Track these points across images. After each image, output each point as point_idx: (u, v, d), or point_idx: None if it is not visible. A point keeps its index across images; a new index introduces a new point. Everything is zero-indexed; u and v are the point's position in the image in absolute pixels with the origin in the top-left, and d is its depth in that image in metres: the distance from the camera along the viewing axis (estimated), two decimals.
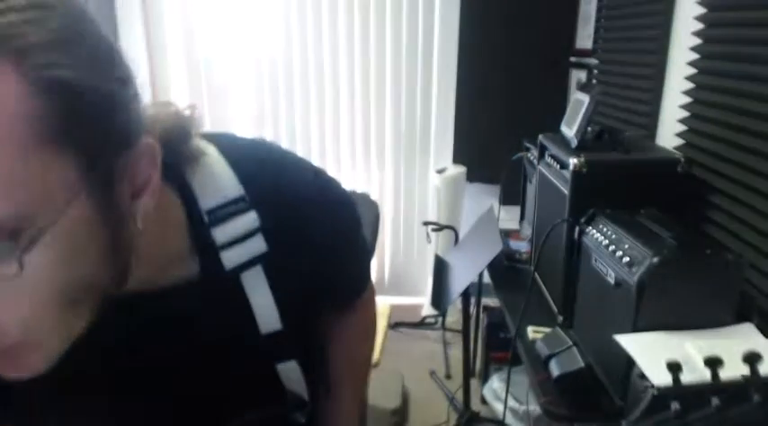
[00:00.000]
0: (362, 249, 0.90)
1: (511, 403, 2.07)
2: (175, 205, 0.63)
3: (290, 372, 0.75)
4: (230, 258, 0.65)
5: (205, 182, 0.64)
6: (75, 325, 0.52)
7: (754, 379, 0.48)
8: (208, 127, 3.07)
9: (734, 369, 0.67)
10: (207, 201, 0.64)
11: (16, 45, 0.43)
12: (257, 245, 0.66)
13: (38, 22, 0.45)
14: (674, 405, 0.48)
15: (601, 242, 1.21)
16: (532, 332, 1.49)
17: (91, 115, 0.47)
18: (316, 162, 2.85)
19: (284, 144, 3.11)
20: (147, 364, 0.66)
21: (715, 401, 0.48)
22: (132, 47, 3.00)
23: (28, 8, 0.45)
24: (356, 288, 0.92)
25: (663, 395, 0.50)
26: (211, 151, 0.66)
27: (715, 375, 0.50)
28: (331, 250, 0.75)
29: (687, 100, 1.60)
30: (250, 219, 0.65)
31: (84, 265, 0.49)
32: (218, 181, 0.65)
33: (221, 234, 0.64)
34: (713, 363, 0.50)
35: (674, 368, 0.50)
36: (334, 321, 0.91)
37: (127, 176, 0.52)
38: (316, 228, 0.71)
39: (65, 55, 0.46)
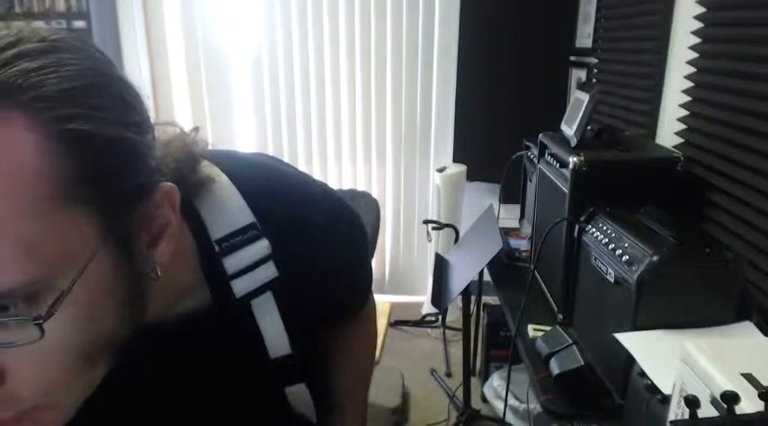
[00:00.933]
0: (367, 265, 0.90)
1: (511, 401, 2.07)
2: (185, 236, 0.61)
3: (299, 394, 0.74)
4: (240, 286, 0.64)
5: (215, 210, 0.62)
6: (92, 381, 0.50)
7: None
8: (208, 125, 3.08)
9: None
10: (217, 230, 0.62)
11: (30, 96, 0.41)
12: (268, 272, 0.65)
13: (52, 70, 0.42)
14: None
15: (600, 240, 1.21)
16: (532, 330, 1.49)
17: (109, 168, 0.45)
18: (316, 160, 2.86)
19: (285, 143, 3.13)
20: (156, 391, 0.66)
21: None
22: (133, 46, 3.00)
23: (41, 53, 0.43)
24: (359, 302, 0.92)
25: None
26: (220, 177, 0.64)
27: (731, 411, 0.51)
28: (340, 271, 0.75)
29: (686, 99, 1.61)
30: (262, 247, 0.64)
31: (103, 323, 0.48)
32: (228, 208, 0.63)
33: (232, 263, 0.63)
34: (729, 399, 0.51)
35: (692, 403, 0.51)
36: (335, 335, 0.91)
37: (145, 226, 0.50)
38: (325, 251, 0.71)
39: (81, 105, 0.43)
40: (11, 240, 0.40)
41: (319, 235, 0.70)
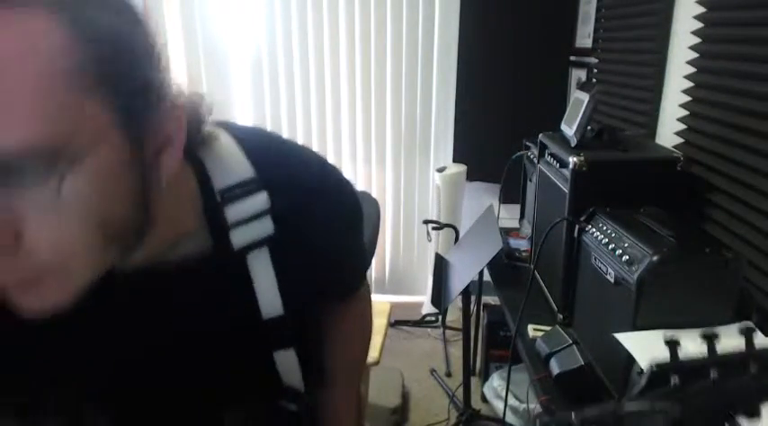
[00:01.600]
0: (362, 241, 0.91)
1: (511, 401, 2.07)
2: (191, 182, 0.64)
3: (287, 360, 0.75)
4: (239, 237, 0.66)
5: (218, 163, 0.66)
6: (105, 259, 0.52)
7: (750, 351, 0.54)
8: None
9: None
10: (220, 181, 0.65)
11: None
12: (265, 227, 0.67)
13: None
14: (674, 379, 0.51)
15: (600, 240, 1.21)
16: (532, 330, 1.49)
17: (126, 63, 0.49)
18: None
19: None
20: (147, 346, 0.67)
21: (713, 373, 0.51)
22: None
23: None
24: (354, 279, 0.93)
25: (662, 371, 0.51)
26: (223, 135, 0.68)
27: (712, 349, 0.53)
28: (335, 237, 0.76)
29: (686, 99, 1.61)
30: (261, 200, 0.67)
31: (116, 201, 0.51)
32: (230, 162, 0.66)
33: (232, 212, 0.65)
34: (710, 338, 0.54)
35: (673, 344, 0.52)
36: (331, 314, 0.92)
37: (153, 131, 0.53)
38: (322, 214, 0.72)
39: (104, 4, 0.49)
40: (30, 101, 0.43)
41: (317, 198, 0.72)
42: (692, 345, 0.59)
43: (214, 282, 0.67)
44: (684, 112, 1.62)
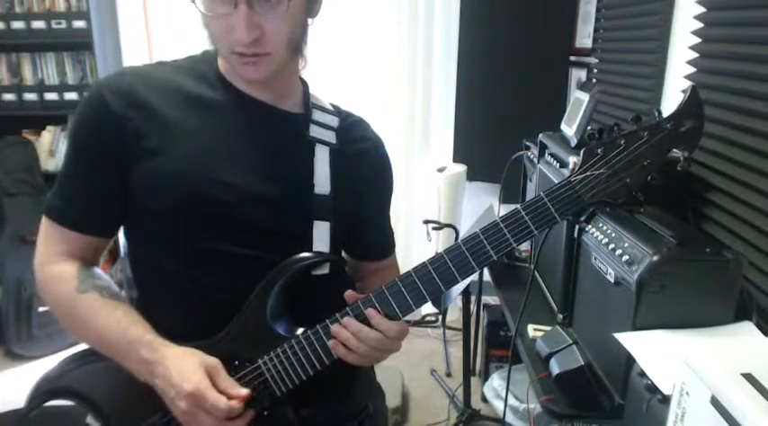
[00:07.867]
0: (388, 210, 1.15)
1: (511, 401, 2.07)
2: (300, 83, 1.04)
3: (321, 232, 0.97)
4: (314, 131, 1.00)
5: (314, 92, 1.06)
6: (284, 59, 0.91)
7: (639, 126, 0.95)
8: None
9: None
10: (314, 97, 1.05)
11: None
12: (330, 136, 1.01)
13: None
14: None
15: (601, 240, 1.21)
16: (533, 330, 1.49)
17: None
18: None
19: None
20: (243, 168, 0.92)
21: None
22: (133, 46, 3.00)
23: None
24: (387, 240, 1.16)
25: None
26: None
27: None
28: (375, 167, 1.08)
29: None
30: (333, 120, 1.04)
31: (302, 26, 0.91)
32: (320, 96, 1.07)
33: (316, 115, 1.02)
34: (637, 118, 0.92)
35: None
36: (369, 275, 1.13)
37: (313, 12, 0.93)
38: (372, 152, 1.07)
39: None
40: None
41: (370, 139, 1.07)
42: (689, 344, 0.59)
43: (294, 140, 0.98)
44: None
